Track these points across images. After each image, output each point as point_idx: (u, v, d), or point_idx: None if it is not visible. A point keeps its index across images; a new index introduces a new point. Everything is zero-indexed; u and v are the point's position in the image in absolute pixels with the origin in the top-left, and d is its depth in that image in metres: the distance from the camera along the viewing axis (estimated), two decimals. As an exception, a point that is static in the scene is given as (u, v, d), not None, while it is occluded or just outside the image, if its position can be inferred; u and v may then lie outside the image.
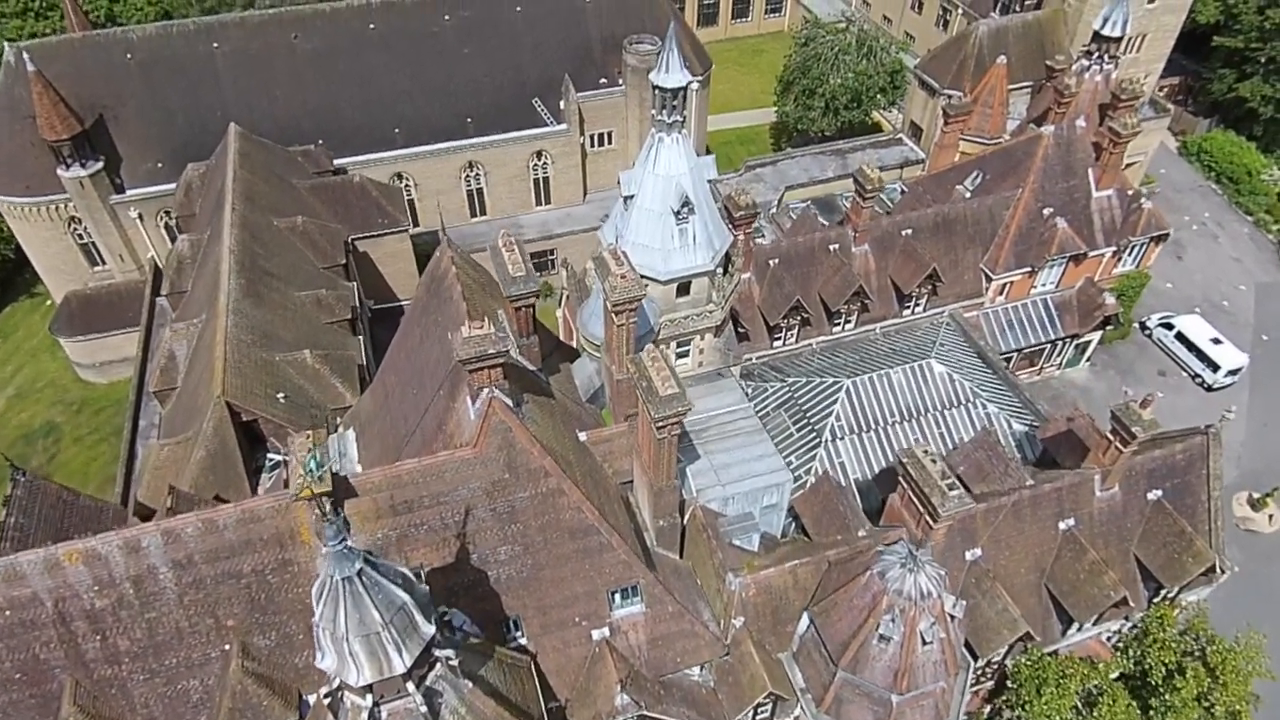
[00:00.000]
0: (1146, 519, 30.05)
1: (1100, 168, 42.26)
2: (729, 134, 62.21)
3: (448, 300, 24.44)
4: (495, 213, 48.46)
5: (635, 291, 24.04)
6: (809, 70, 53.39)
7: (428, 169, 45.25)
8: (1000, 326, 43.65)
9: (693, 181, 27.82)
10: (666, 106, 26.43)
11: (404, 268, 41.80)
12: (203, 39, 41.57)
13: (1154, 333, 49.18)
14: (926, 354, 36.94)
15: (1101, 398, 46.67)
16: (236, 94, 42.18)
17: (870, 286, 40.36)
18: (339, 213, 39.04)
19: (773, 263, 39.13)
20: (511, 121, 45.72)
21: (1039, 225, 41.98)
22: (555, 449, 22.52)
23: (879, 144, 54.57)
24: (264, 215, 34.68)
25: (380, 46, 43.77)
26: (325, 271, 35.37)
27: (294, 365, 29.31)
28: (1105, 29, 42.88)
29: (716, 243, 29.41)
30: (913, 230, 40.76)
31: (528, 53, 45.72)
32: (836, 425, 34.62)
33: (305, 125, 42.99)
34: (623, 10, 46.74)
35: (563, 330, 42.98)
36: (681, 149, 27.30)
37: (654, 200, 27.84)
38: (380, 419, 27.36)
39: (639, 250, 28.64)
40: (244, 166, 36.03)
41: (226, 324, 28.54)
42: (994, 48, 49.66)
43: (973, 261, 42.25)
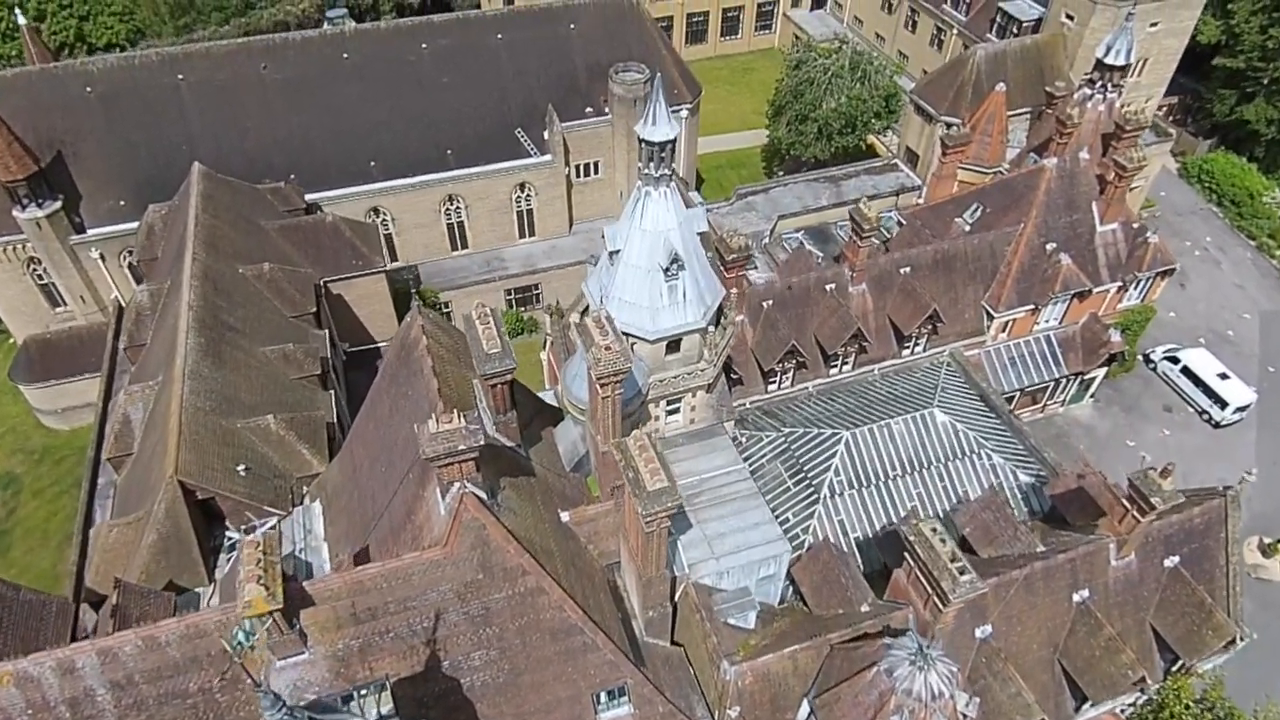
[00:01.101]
0: (1163, 587, 28.46)
1: (1105, 201, 40.77)
2: (719, 157, 60.53)
3: (417, 374, 22.59)
4: (477, 245, 46.59)
5: (621, 364, 22.24)
6: (801, 95, 51.76)
7: (406, 203, 43.35)
8: (1002, 365, 42.07)
9: (682, 236, 26.03)
10: (654, 159, 24.63)
11: (380, 309, 39.87)
12: (166, 70, 39.55)
13: (1159, 366, 47.73)
14: (929, 402, 35.30)
15: (1106, 436, 45.25)
16: (203, 127, 40.17)
17: (868, 327, 38.71)
18: (310, 254, 37.09)
19: (766, 304, 37.43)
20: (493, 153, 43.87)
21: (1042, 261, 40.43)
22: (535, 540, 20.69)
23: (873, 170, 52.98)
24: (228, 263, 32.70)
25: (355, 76, 41.85)
26: (294, 321, 33.41)
27: (257, 432, 27.37)
28: (1109, 58, 41.35)
29: (708, 298, 27.63)
30: (911, 268, 39.14)
31: (510, 81, 43.88)
32: (835, 480, 32.93)
33: (276, 159, 41.02)
34: (608, 37, 44.96)
35: (547, 375, 41.22)
36: (670, 203, 25.50)
37: (641, 257, 26.03)
38: (348, 492, 25.47)
39: (625, 308, 26.84)
40: (207, 210, 34.04)
41: (183, 391, 26.56)
42: (992, 73, 48.13)
43: (973, 299, 40.67)
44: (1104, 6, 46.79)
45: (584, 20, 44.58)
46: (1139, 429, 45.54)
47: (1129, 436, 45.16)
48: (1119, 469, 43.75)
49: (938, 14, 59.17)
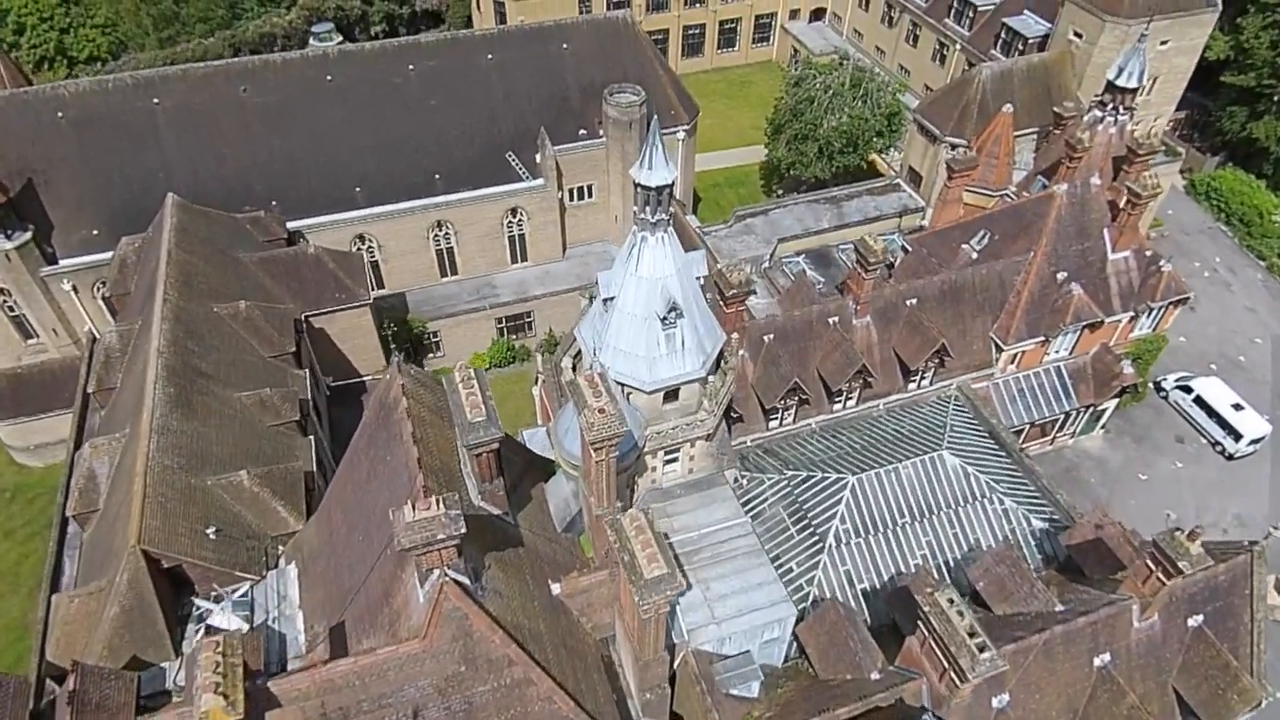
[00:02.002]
0: (1186, 648, 27.01)
1: (1117, 229, 39.36)
2: (717, 175, 59.04)
3: (397, 438, 21.01)
4: (467, 272, 45.00)
5: (616, 428, 20.74)
6: (801, 113, 50.27)
7: (392, 230, 41.75)
8: (1011, 398, 40.62)
9: (680, 283, 24.53)
10: (650, 204, 23.11)
11: (365, 342, 38.30)
12: (141, 94, 37.90)
13: (1171, 395, 46.34)
14: (937, 444, 33.76)
15: (1118, 469, 43.84)
16: (180, 153, 38.53)
17: (873, 360, 37.22)
18: (291, 287, 35.49)
19: (768, 338, 35.90)
20: (483, 177, 42.29)
21: (1052, 291, 39.00)
22: (522, 624, 19.15)
23: (875, 191, 51.53)
24: (202, 302, 31.09)
25: (338, 99, 40.23)
26: (272, 362, 31.81)
27: (229, 489, 25.75)
28: (1120, 79, 40.03)
29: (708, 345, 26.13)
30: (918, 299, 37.66)
31: (500, 103, 42.30)
32: (841, 528, 31.34)
33: (256, 186, 39.40)
34: (602, 56, 43.42)
35: (539, 412, 39.63)
36: (667, 248, 24.00)
37: (637, 304, 24.52)
38: (325, 556, 23.89)
39: (620, 357, 25.33)
40: (181, 245, 32.42)
41: (149, 448, 24.94)
42: (998, 93, 46.70)
43: (982, 330, 39.22)
44: (1113, 24, 45.41)
45: (577, 40, 43.03)
46: (1151, 461, 44.13)
47: (1141, 469, 43.76)
48: (1131, 504, 42.57)
49: (940, 29, 57.76)
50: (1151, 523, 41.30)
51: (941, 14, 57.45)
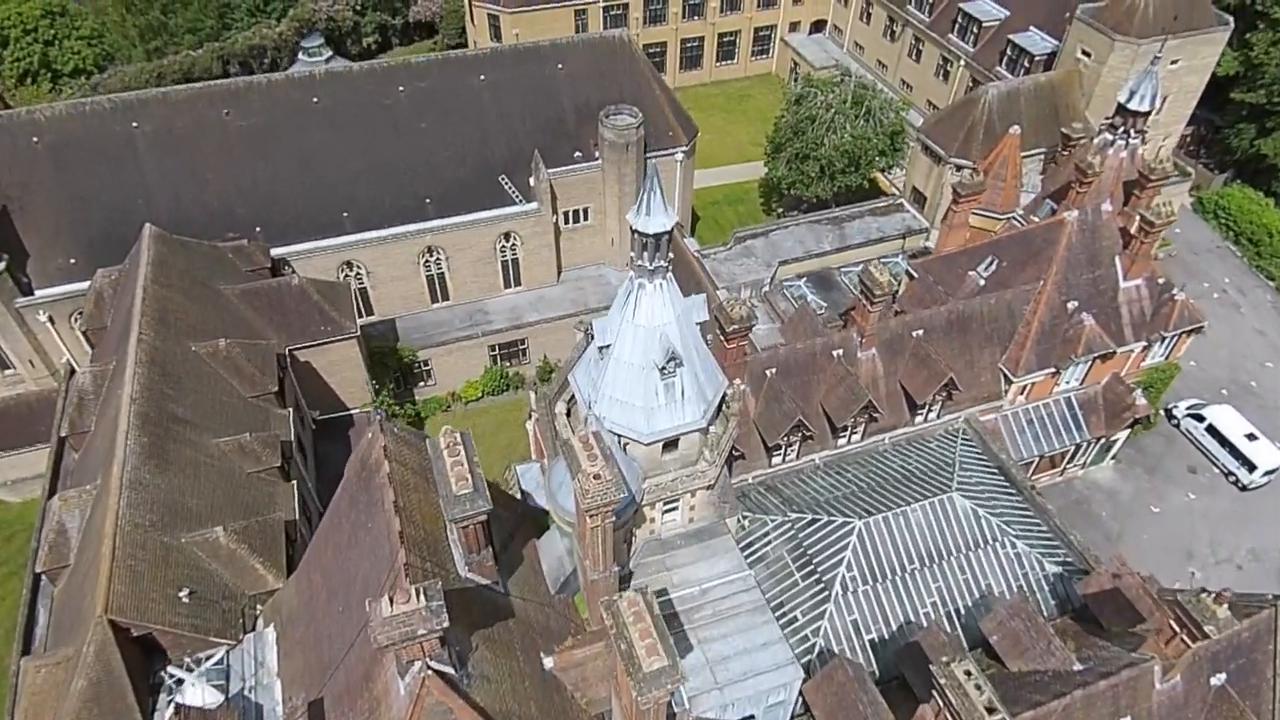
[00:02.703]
0: (1209, 707, 25.79)
1: (1129, 256, 38.16)
2: (715, 192, 57.77)
3: (378, 505, 19.69)
4: (459, 297, 43.68)
5: (613, 495, 19.45)
6: (802, 132, 49.03)
7: (381, 256, 40.41)
8: (1020, 430, 39.40)
9: (680, 330, 23.24)
10: (648, 250, 21.82)
11: (352, 374, 36.96)
12: (120, 118, 36.52)
13: (1182, 423, 45.16)
14: (947, 485, 32.55)
15: (1129, 501, 42.62)
16: (160, 179, 37.16)
17: (878, 394, 35.96)
18: (275, 320, 34.16)
19: (770, 373, 34.64)
20: (475, 201, 40.98)
21: (1063, 321, 37.78)
22: (512, 710, 17.85)
23: (878, 211, 50.32)
24: (179, 341, 29.74)
25: (325, 122, 38.88)
26: (253, 402, 30.46)
27: (204, 547, 24.42)
28: (1132, 103, 38.89)
29: (709, 393, 24.84)
30: (924, 330, 36.43)
31: (493, 125, 40.99)
32: (848, 576, 30.09)
33: (240, 212, 38.04)
34: (598, 77, 42.12)
35: (533, 447, 38.32)
36: (666, 295, 22.71)
37: (634, 354, 23.22)
38: (304, 622, 22.57)
39: (617, 406, 24.03)
40: (158, 279, 31.07)
41: (119, 505, 23.60)
42: (1005, 113, 45.51)
43: (990, 361, 37.99)
44: (1123, 44, 44.24)
45: (572, 60, 41.74)
46: (1163, 493, 42.94)
47: (1153, 501, 42.57)
48: (1143, 538, 41.39)
49: (943, 44, 56.57)
50: (1165, 559, 40.21)
51: (945, 29, 56.25)
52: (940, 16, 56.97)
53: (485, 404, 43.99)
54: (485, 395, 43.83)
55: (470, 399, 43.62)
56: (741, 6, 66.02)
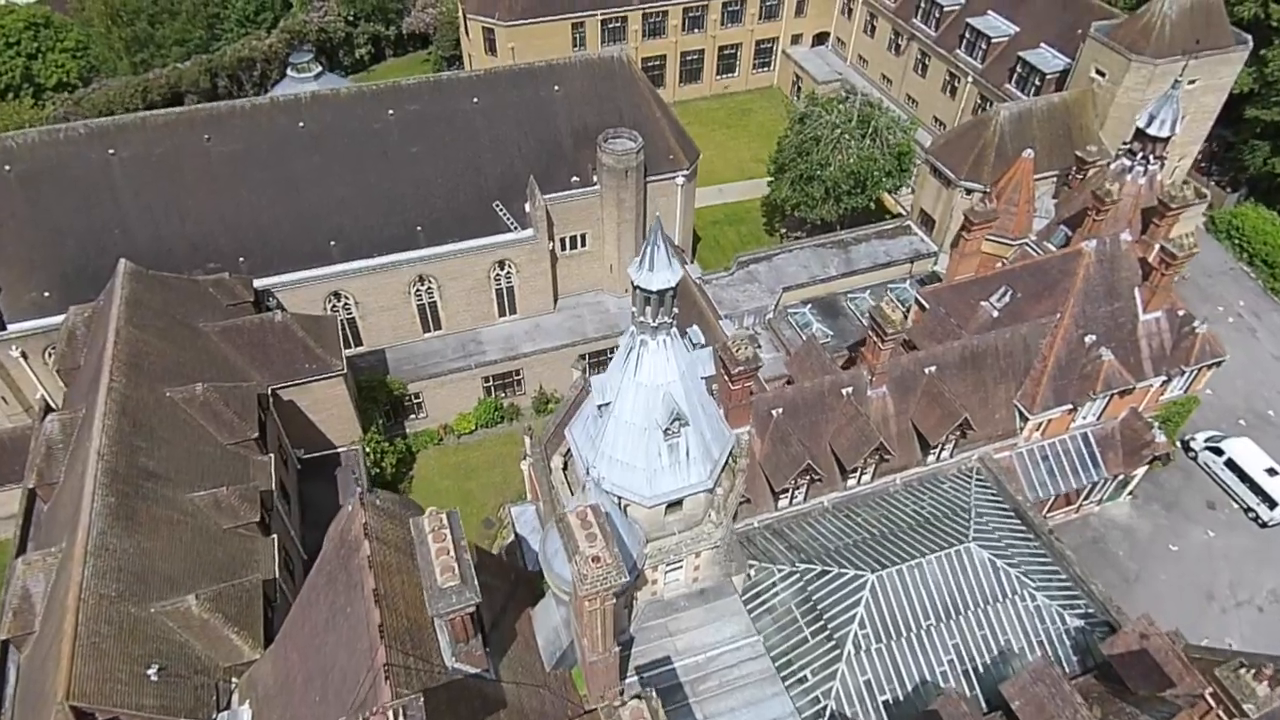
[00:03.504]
0: (1247, 780, 24.29)
1: (1150, 289, 36.67)
2: (716, 211, 56.22)
3: (357, 591, 18.09)
4: (451, 326, 42.06)
5: (614, 579, 17.87)
6: (806, 153, 47.49)
7: (370, 286, 38.79)
8: (1035, 467, 37.87)
9: (685, 388, 21.68)
10: (650, 306, 20.26)
11: (339, 412, 35.35)
12: (95, 145, 34.88)
13: (1200, 456, 43.65)
14: (963, 534, 31.01)
15: (1147, 540, 41.09)
16: (138, 208, 35.53)
17: (889, 433, 34.46)
18: (257, 359, 32.56)
19: (776, 412, 33.10)
20: (469, 228, 39.39)
21: (1080, 356, 36.28)
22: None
23: (885, 234, 48.78)
24: (153, 387, 28.12)
25: (312, 147, 37.27)
26: (232, 450, 28.83)
27: (175, 617, 22.81)
28: (1152, 128, 37.42)
29: (715, 451, 23.29)
30: (937, 367, 34.92)
31: (487, 150, 39.40)
32: (861, 633, 28.52)
33: (223, 242, 36.42)
34: (597, 99, 40.53)
35: (528, 488, 36.74)
36: (671, 351, 21.15)
37: (636, 413, 21.66)
38: (280, 703, 20.94)
39: (617, 467, 22.48)
40: (131, 320, 29.45)
41: (84, 575, 21.99)
42: (1017, 134, 44.02)
43: (1005, 398, 36.47)
44: (1140, 64, 42.77)
45: (569, 81, 40.16)
46: (1181, 530, 41.43)
47: (1171, 539, 41.06)
48: (1161, 579, 39.85)
49: (950, 59, 55.09)
50: (1184, 601, 38.73)
51: (953, 44, 54.77)
52: (947, 31, 55.49)
53: (479, 436, 42.37)
54: (479, 427, 42.22)
55: (463, 432, 42.00)
56: (743, 19, 64.51)
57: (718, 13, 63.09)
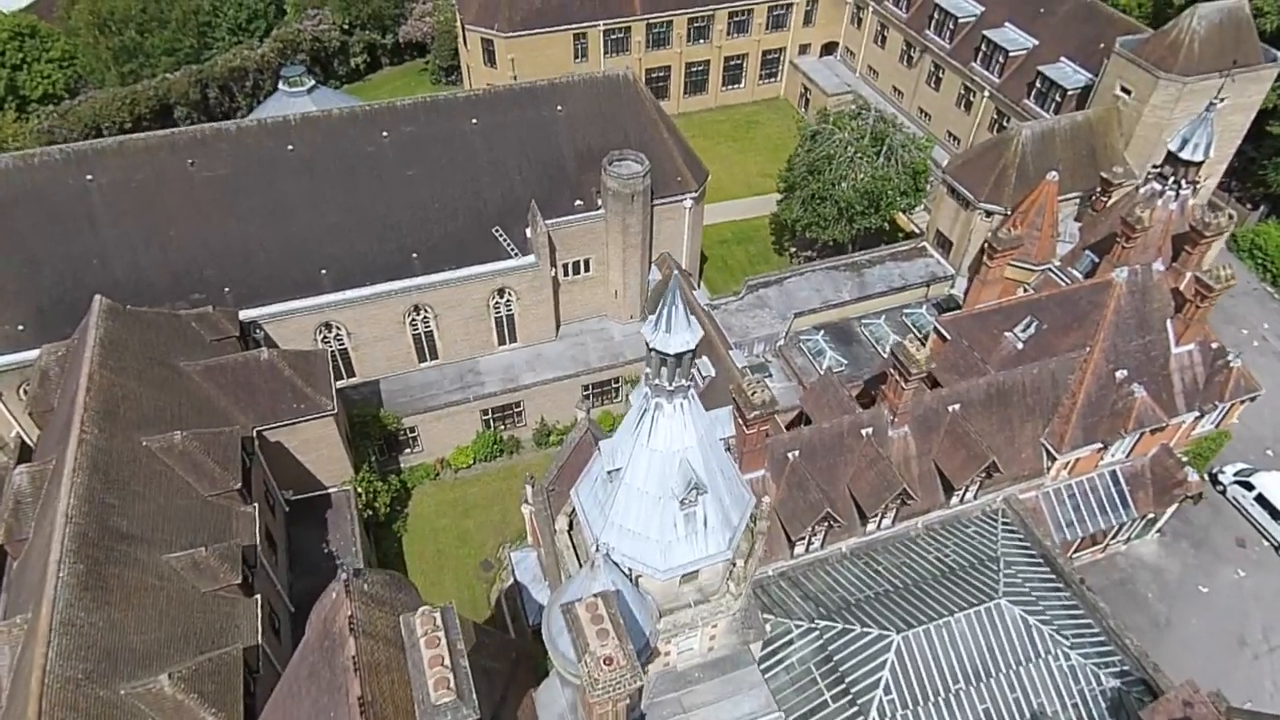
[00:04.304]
0: None
1: (1183, 321, 34.89)
2: (724, 230, 54.37)
3: (340, 695, 16.23)
4: (449, 356, 40.20)
5: (627, 684, 16.02)
6: (818, 172, 45.66)
7: (364, 316, 36.94)
8: (1063, 507, 36.07)
9: (702, 453, 19.84)
10: (666, 368, 18.42)
11: (329, 452, 33.47)
12: (72, 170, 33.01)
13: (1229, 490, 41.87)
14: (993, 588, 29.29)
15: (1176, 580, 39.30)
16: (118, 236, 33.66)
17: (910, 474, 32.66)
18: (242, 399, 30.70)
19: (792, 455, 31.26)
20: (467, 255, 37.54)
21: (1111, 392, 34.46)
22: None
23: (900, 256, 46.96)
24: (128, 436, 26.26)
25: (301, 171, 35.42)
26: (213, 501, 26.97)
27: (146, 699, 20.94)
28: (1185, 152, 35.61)
29: (735, 517, 21.45)
30: (961, 405, 33.10)
31: (486, 173, 37.55)
32: (885, 699, 26.77)
33: (207, 272, 34.56)
34: (601, 119, 38.68)
35: (530, 533, 34.92)
36: (687, 415, 19.32)
37: (649, 481, 19.83)
38: (262, 800, 19.11)
39: (628, 537, 20.64)
40: (106, 363, 27.57)
41: (48, 655, 20.14)
42: (1039, 154, 42.22)
43: (1032, 436, 34.65)
44: (1168, 82, 40.97)
45: (573, 101, 38.30)
46: (1211, 570, 39.65)
47: (1201, 580, 39.27)
48: (1192, 623, 38.03)
49: (965, 72, 53.27)
50: (1216, 646, 36.94)
51: (968, 57, 52.96)
52: (962, 43, 53.69)
53: (477, 471, 40.52)
54: (477, 461, 40.38)
55: (461, 466, 40.16)
56: (749, 29, 62.67)
57: (724, 23, 61.25)
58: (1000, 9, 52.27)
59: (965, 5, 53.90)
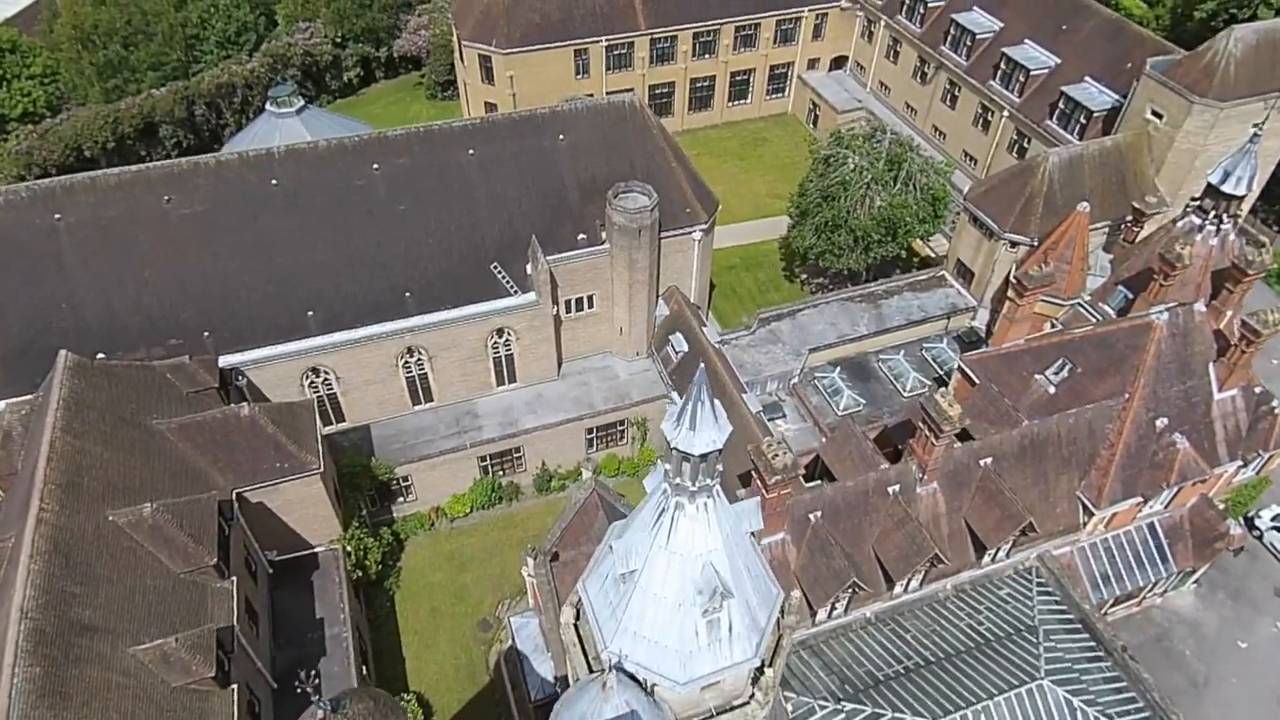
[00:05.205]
0: None
1: (1227, 366, 32.79)
2: (732, 255, 52.15)
3: None
4: (444, 398, 37.98)
5: None
6: (832, 198, 43.49)
7: (353, 359, 34.69)
8: (1099, 563, 33.96)
9: (728, 554, 17.63)
10: (689, 465, 16.22)
11: (315, 511, 31.22)
12: (39, 209, 30.75)
13: (1266, 536, 39.76)
14: (1033, 667, 27.20)
15: (1214, 635, 37.16)
16: (89, 279, 31.40)
17: (939, 532, 30.56)
18: (220, 459, 28.46)
19: (814, 516, 29.14)
20: (463, 294, 35.33)
21: (1150, 442, 32.36)
22: None
23: (918, 286, 44.72)
24: (93, 510, 24.04)
25: (286, 207, 33.20)
26: (186, 579, 24.72)
27: (104, 825, 18.68)
28: (1227, 185, 33.49)
29: (762, 618, 19.21)
30: (994, 458, 30.96)
31: (484, 207, 35.34)
32: (919, 795, 24.62)
33: (185, 316, 32.32)
34: (606, 149, 36.51)
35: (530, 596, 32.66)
36: (711, 515, 17.11)
37: (667, 587, 17.60)
38: None
39: (643, 645, 18.40)
40: (71, 427, 25.34)
41: (-10, 781, 17.90)
42: (1067, 182, 40.06)
43: (1068, 490, 32.53)
44: (1202, 107, 38.83)
45: (576, 130, 36.10)
46: (1249, 623, 37.53)
47: (1239, 634, 37.15)
48: (1232, 681, 35.82)
49: (983, 91, 51.13)
50: (1256, 708, 34.78)
51: (986, 75, 50.82)
52: (980, 61, 51.55)
53: (475, 520, 38.31)
54: (474, 510, 38.17)
55: (457, 515, 37.94)
56: (756, 43, 60.49)
57: (730, 37, 59.05)
58: (1020, 25, 50.14)
59: (983, 21, 51.79)
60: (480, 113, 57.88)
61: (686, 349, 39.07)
